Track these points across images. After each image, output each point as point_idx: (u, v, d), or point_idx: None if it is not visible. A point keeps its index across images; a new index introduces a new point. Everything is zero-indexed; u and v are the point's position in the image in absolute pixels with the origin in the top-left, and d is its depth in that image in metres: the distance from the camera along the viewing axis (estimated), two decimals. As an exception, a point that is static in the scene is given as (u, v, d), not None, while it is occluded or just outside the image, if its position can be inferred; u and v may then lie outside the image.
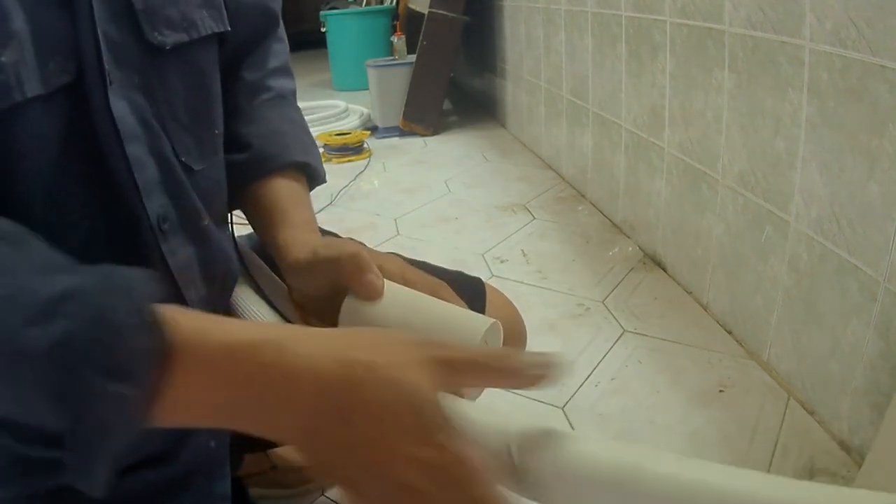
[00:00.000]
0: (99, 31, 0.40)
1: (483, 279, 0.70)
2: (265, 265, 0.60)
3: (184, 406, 0.31)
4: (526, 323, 0.72)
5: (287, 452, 0.89)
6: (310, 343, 0.32)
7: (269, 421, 0.31)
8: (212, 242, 0.51)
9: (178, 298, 0.48)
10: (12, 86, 0.36)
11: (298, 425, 0.31)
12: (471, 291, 0.66)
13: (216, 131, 0.53)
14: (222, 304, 0.55)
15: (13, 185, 0.38)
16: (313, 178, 0.64)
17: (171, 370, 0.30)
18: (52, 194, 0.40)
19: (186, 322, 0.31)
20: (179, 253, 0.47)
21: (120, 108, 0.42)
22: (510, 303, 0.72)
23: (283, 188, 0.58)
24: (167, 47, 0.45)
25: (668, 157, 1.39)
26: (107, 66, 0.41)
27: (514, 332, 0.70)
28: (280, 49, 0.65)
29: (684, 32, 1.26)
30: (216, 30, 0.51)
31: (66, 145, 0.40)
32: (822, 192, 0.91)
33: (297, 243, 0.53)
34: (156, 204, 0.44)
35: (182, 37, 0.47)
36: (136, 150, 0.43)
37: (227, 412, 0.32)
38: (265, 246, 0.57)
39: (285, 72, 0.65)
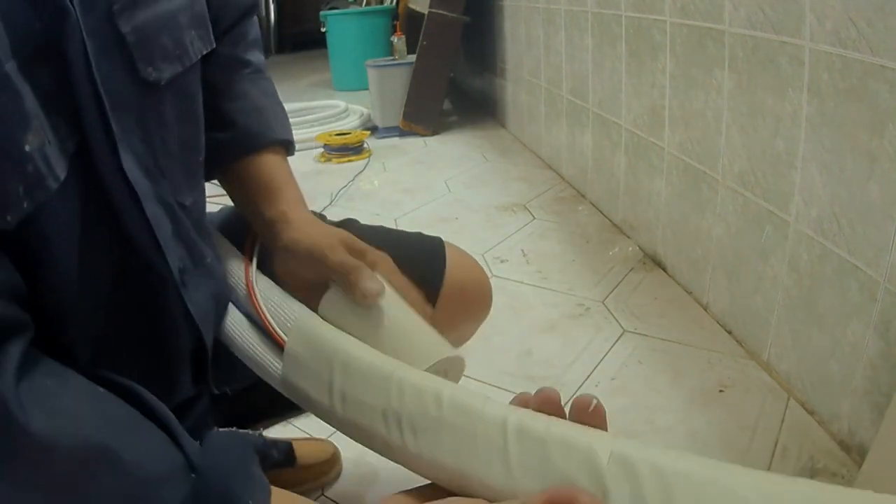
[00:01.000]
0: (97, 80, 0.35)
1: (443, 238, 0.70)
2: (233, 247, 0.59)
3: None
4: (526, 323, 0.73)
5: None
6: None
7: None
8: (217, 277, 0.51)
9: (196, 341, 0.48)
10: (44, 174, 0.32)
11: None
12: (427, 252, 0.66)
13: (201, 158, 0.51)
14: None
15: (46, 277, 0.35)
16: (289, 152, 0.65)
17: None
18: (82, 273, 0.37)
19: None
20: (197, 298, 0.46)
21: (130, 164, 0.38)
22: (474, 263, 0.71)
23: (270, 165, 0.58)
24: (162, 83, 0.42)
25: (668, 157, 1.39)
26: (112, 119, 0.37)
27: (480, 293, 0.70)
28: (253, 22, 0.64)
29: (684, 32, 1.26)
30: (204, 51, 0.48)
31: (86, 218, 0.36)
32: (822, 192, 0.90)
33: (292, 224, 0.53)
34: (175, 257, 0.43)
35: (177, 68, 0.43)
36: (152, 208, 0.41)
37: None
38: (252, 221, 0.57)
39: (258, 44, 0.64)
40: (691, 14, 1.22)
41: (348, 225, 0.66)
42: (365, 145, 2.67)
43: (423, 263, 0.63)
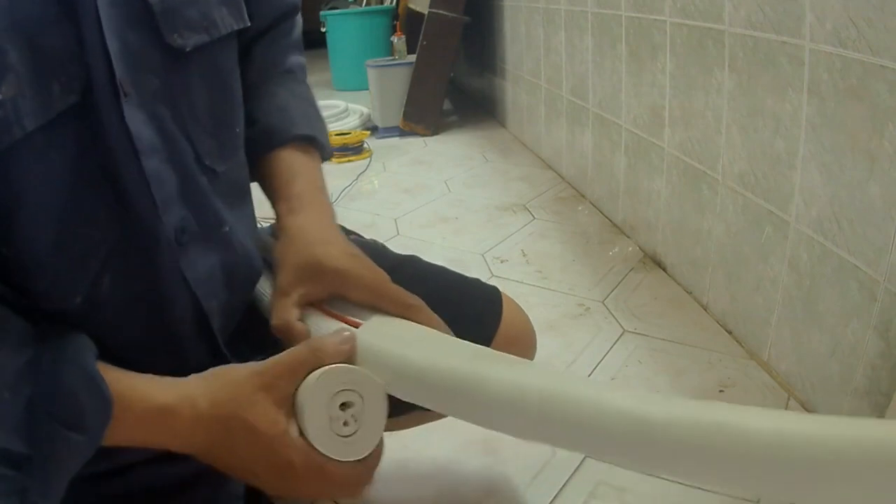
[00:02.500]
0: (108, 41, 0.39)
1: (500, 290, 0.71)
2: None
3: (119, 438, 0.40)
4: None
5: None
6: (195, 403, 0.42)
7: (178, 448, 0.42)
8: (234, 248, 0.51)
9: (197, 310, 0.48)
10: (11, 122, 0.35)
11: (199, 451, 0.43)
12: (484, 304, 0.68)
13: (237, 130, 0.52)
14: (243, 303, 0.55)
15: (16, 224, 0.38)
16: (319, 152, 0.63)
17: (113, 420, 0.39)
18: (65, 224, 0.39)
19: (118, 381, 0.40)
20: (200, 265, 0.47)
21: (137, 121, 0.41)
22: (527, 320, 0.74)
23: (284, 161, 0.57)
24: (188, 49, 0.44)
25: (668, 157, 1.39)
26: (119, 78, 0.40)
27: (526, 343, 0.72)
28: (293, 24, 0.64)
29: (684, 32, 1.26)
30: (236, 27, 0.50)
31: (78, 170, 0.39)
32: (822, 192, 0.91)
33: (294, 232, 0.52)
34: (174, 217, 0.44)
35: (203, 37, 0.46)
36: (154, 164, 0.42)
37: (151, 442, 0.42)
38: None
39: (297, 47, 0.65)
40: (691, 14, 1.22)
41: (412, 262, 0.69)
42: (365, 145, 2.67)
43: (477, 314, 0.66)
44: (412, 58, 2.87)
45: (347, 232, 0.65)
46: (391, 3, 4.37)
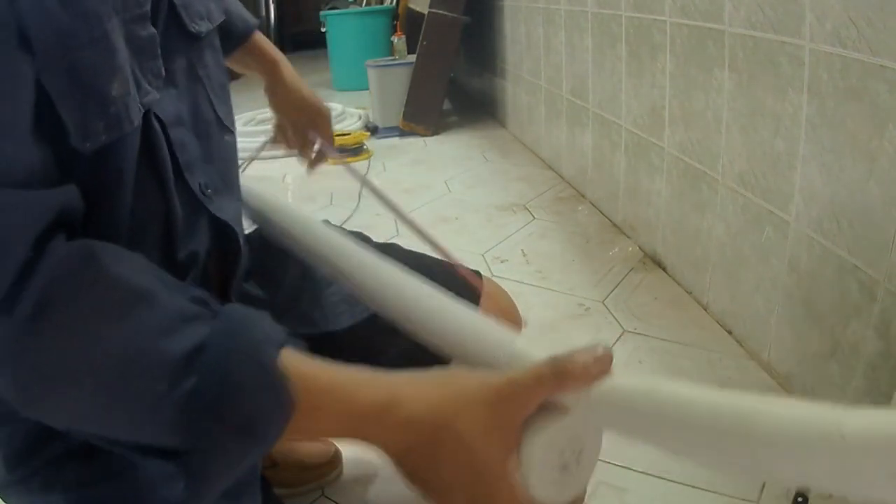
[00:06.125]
0: (157, 37, 0.44)
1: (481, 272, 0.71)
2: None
3: (309, 435, 0.38)
4: (526, 323, 0.73)
5: (288, 450, 0.89)
6: (409, 404, 0.38)
7: (377, 446, 0.39)
8: (245, 207, 0.61)
9: (219, 250, 0.54)
10: (122, 118, 0.39)
11: (393, 453, 0.39)
12: (463, 286, 0.67)
13: (230, 101, 0.60)
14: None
15: (117, 205, 0.41)
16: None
17: (298, 421, 0.36)
18: (137, 199, 0.43)
19: (309, 378, 0.37)
20: (228, 209, 0.53)
21: (165, 100, 0.46)
22: (510, 301, 0.73)
23: (261, 41, 0.76)
24: (202, 35, 0.52)
25: (668, 157, 1.39)
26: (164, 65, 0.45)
27: (511, 320, 0.71)
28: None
29: (684, 32, 1.26)
30: (220, 19, 0.58)
31: (140, 152, 0.43)
32: (822, 192, 0.90)
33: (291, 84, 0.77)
34: (198, 177, 0.50)
35: (209, 25, 0.54)
36: (180, 132, 0.48)
37: (338, 437, 0.39)
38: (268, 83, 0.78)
39: None
40: (691, 14, 1.22)
41: (394, 248, 0.70)
42: (365, 146, 2.67)
43: (457, 290, 0.65)
44: (412, 58, 2.87)
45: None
46: (391, 3, 4.37)
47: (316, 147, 0.81)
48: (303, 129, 0.80)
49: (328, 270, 0.58)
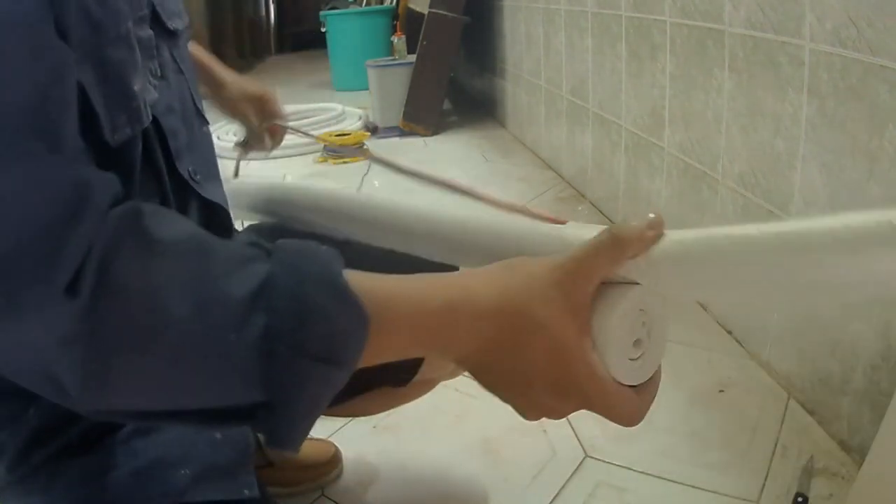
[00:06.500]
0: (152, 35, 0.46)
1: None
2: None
3: (380, 356, 0.36)
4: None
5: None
6: (480, 295, 0.38)
7: (452, 352, 0.38)
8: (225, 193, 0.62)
9: (227, 227, 0.57)
10: (142, 111, 0.42)
11: (474, 353, 0.38)
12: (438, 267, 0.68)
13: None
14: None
15: (126, 197, 0.41)
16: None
17: (372, 339, 0.35)
18: (140, 188, 0.45)
19: (377, 290, 0.36)
20: (217, 194, 0.55)
21: (163, 88, 0.48)
22: None
23: (196, 51, 0.75)
24: (179, 31, 0.54)
25: (668, 157, 1.39)
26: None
27: None
28: None
29: (684, 32, 1.26)
30: (187, 21, 0.60)
31: (143, 143, 0.45)
32: (822, 192, 0.90)
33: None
34: (186, 163, 0.51)
35: (182, 23, 0.56)
36: (172, 121, 0.50)
37: (418, 351, 0.38)
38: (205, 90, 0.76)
39: None
40: (691, 14, 1.22)
41: (353, 247, 0.69)
42: (365, 146, 2.66)
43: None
44: (412, 58, 2.87)
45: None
46: (391, 3, 4.37)
47: (286, 125, 0.85)
48: (259, 116, 0.82)
49: (358, 230, 0.59)
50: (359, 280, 0.35)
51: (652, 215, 0.40)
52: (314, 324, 0.33)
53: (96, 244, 0.31)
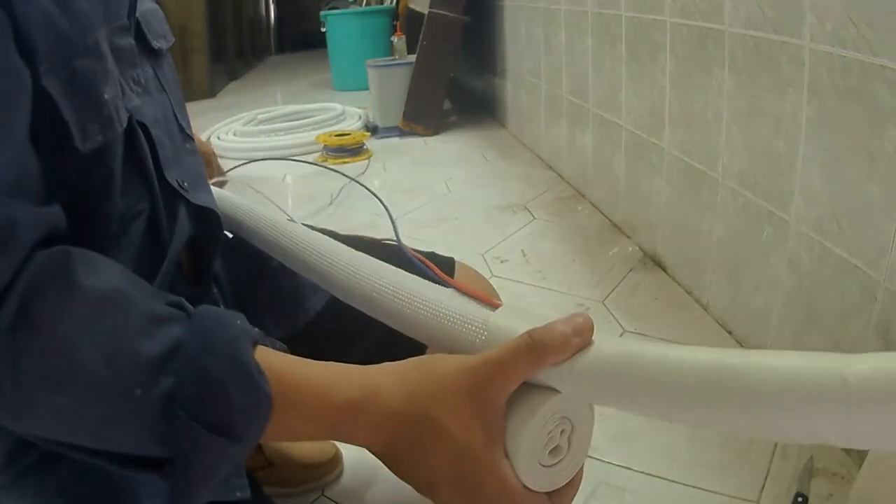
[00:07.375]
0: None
1: (455, 259, 0.74)
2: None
3: (285, 436, 0.38)
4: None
5: (284, 449, 0.89)
6: (384, 397, 0.38)
7: (355, 443, 0.39)
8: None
9: (217, 230, 0.57)
10: (114, 119, 0.42)
11: (377, 447, 0.39)
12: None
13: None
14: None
15: (106, 203, 0.43)
16: None
17: (275, 421, 0.36)
18: (124, 196, 0.45)
19: (287, 374, 0.37)
20: (207, 200, 0.56)
21: (146, 102, 0.49)
22: (485, 281, 0.77)
23: None
24: (163, 50, 0.56)
25: (668, 157, 1.39)
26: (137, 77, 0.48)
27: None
28: None
29: (684, 32, 1.26)
30: (171, 42, 0.61)
31: (126, 151, 0.45)
32: (822, 192, 0.91)
33: None
34: (174, 174, 0.52)
35: (166, 43, 0.57)
36: (158, 133, 0.50)
37: (323, 437, 0.39)
38: None
39: None
40: (691, 14, 1.22)
41: (356, 241, 0.69)
42: (365, 146, 2.67)
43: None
44: (412, 58, 2.87)
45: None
46: (391, 3, 4.37)
47: (225, 181, 0.85)
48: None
49: (295, 265, 0.59)
50: (271, 361, 0.37)
51: (580, 319, 0.37)
52: (212, 395, 0.34)
53: (19, 280, 0.33)
